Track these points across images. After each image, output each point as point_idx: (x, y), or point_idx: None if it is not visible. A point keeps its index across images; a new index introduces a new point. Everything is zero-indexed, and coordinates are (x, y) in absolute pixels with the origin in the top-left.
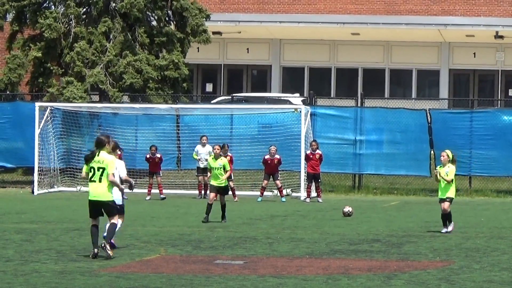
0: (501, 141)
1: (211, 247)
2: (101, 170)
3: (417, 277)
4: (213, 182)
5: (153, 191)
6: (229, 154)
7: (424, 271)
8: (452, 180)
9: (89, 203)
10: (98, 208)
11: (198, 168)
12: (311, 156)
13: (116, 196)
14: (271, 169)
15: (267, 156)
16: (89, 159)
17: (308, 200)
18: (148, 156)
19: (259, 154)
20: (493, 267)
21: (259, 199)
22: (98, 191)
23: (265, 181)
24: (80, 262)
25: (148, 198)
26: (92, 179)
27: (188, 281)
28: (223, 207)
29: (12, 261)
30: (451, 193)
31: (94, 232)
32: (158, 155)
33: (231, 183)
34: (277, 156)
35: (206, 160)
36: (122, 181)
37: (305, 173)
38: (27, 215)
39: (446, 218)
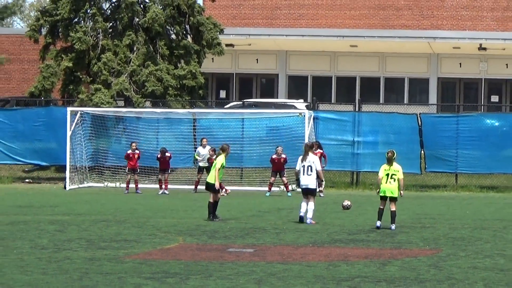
0: (484, 142)
1: (225, 237)
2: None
3: (409, 263)
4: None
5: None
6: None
7: (415, 258)
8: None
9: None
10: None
11: (200, 167)
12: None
13: None
14: (278, 167)
15: (274, 156)
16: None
17: None
18: (158, 155)
19: (267, 153)
20: (477, 254)
21: (267, 194)
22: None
23: (273, 178)
24: (107, 250)
25: (160, 192)
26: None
27: (204, 267)
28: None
29: (46, 249)
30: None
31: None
32: (168, 154)
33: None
34: (283, 156)
35: (209, 159)
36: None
37: None
38: (60, 208)
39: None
